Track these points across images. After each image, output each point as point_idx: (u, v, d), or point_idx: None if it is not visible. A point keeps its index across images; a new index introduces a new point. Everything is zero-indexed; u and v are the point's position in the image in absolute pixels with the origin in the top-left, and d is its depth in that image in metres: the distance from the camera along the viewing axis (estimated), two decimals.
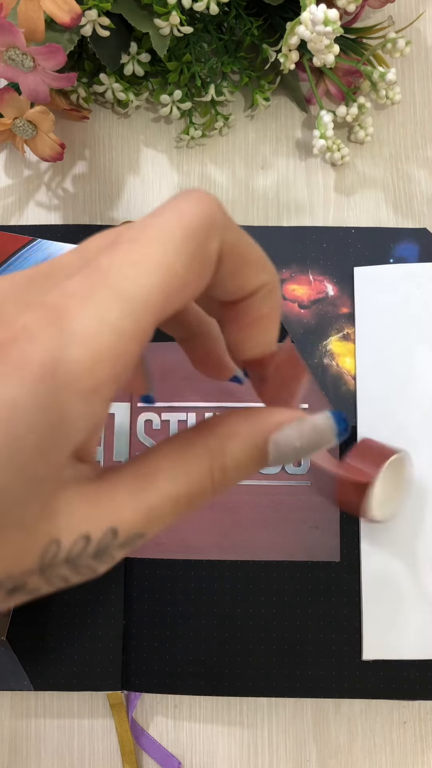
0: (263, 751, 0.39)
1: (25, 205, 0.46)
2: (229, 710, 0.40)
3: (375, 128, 0.47)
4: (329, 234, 0.43)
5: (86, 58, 0.45)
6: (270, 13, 0.45)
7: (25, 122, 0.41)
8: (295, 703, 0.40)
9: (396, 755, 0.39)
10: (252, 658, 0.39)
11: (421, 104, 0.48)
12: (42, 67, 0.37)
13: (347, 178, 0.46)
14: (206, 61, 0.45)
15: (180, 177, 0.47)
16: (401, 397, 0.41)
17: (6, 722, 0.40)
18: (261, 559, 0.40)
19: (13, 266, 0.42)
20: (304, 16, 0.38)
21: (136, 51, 0.44)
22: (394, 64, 0.48)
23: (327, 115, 0.44)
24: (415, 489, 0.40)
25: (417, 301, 0.42)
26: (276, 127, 0.48)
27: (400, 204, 0.46)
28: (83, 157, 0.47)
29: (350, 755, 0.39)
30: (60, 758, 0.39)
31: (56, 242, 0.42)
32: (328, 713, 0.39)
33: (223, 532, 0.40)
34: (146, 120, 0.48)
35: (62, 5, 0.35)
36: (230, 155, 0.47)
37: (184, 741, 0.39)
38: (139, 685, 0.39)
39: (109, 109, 0.48)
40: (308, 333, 0.42)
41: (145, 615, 0.39)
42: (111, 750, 0.39)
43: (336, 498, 0.32)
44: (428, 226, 0.45)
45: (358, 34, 0.46)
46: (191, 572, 0.39)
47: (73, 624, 0.39)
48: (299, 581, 0.39)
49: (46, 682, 0.39)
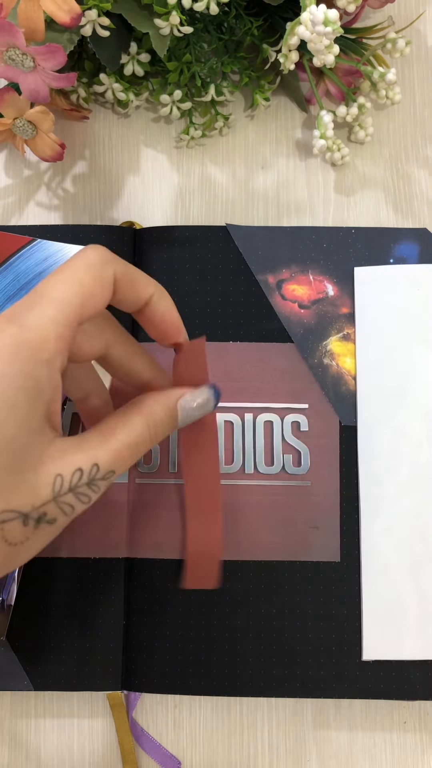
0: (263, 752, 0.39)
1: (25, 205, 0.46)
2: (229, 710, 0.40)
3: (375, 128, 0.47)
4: (329, 234, 0.43)
5: (86, 58, 0.45)
6: (270, 14, 0.45)
7: (25, 122, 0.41)
8: (295, 704, 0.40)
9: (396, 755, 0.39)
10: (252, 658, 0.39)
11: (421, 104, 0.48)
12: (42, 67, 0.37)
13: (347, 178, 0.46)
14: (206, 61, 0.45)
15: (180, 177, 0.47)
16: (401, 397, 0.41)
17: (6, 722, 0.40)
18: (261, 559, 0.40)
19: (13, 266, 0.42)
20: (304, 17, 0.38)
21: (136, 51, 0.44)
22: (394, 64, 0.48)
23: (327, 115, 0.44)
24: (415, 489, 0.40)
25: (417, 302, 0.42)
26: (276, 127, 0.48)
27: (400, 204, 0.46)
28: (83, 157, 0.47)
29: (350, 755, 0.39)
30: (60, 758, 0.39)
31: (56, 242, 0.42)
32: (328, 713, 0.39)
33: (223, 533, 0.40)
34: (146, 120, 0.48)
35: (62, 5, 0.35)
36: (230, 155, 0.47)
37: (184, 741, 0.39)
38: (139, 685, 0.39)
39: (109, 109, 0.48)
40: (308, 333, 0.42)
41: (145, 615, 0.39)
42: (111, 750, 0.39)
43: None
44: (428, 226, 0.45)
45: (358, 34, 0.46)
46: None
47: (73, 624, 0.39)
48: (299, 581, 0.39)
49: (45, 682, 0.39)
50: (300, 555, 0.40)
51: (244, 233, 0.43)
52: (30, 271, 0.42)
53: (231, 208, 0.46)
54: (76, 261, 0.26)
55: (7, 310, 0.25)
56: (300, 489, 0.40)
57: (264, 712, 0.39)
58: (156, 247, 0.43)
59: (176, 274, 0.42)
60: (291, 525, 0.40)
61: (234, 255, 0.43)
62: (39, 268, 0.42)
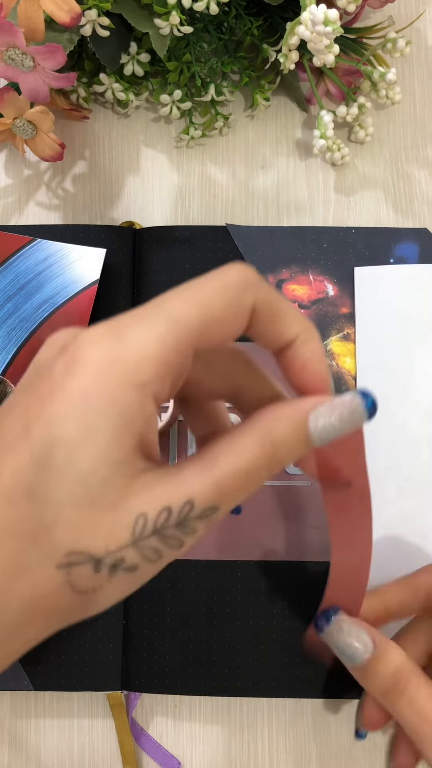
0: (263, 752, 0.39)
1: (25, 205, 0.46)
2: (229, 710, 0.40)
3: (375, 128, 0.47)
4: (329, 234, 0.43)
5: (86, 58, 0.45)
6: (270, 13, 0.45)
7: (25, 122, 0.41)
8: (295, 704, 0.40)
9: None
10: (252, 659, 0.39)
11: (422, 104, 0.48)
12: (42, 66, 0.37)
13: (347, 178, 0.46)
14: (206, 61, 0.45)
15: (180, 177, 0.47)
16: (401, 397, 0.41)
17: (6, 722, 0.40)
18: (261, 560, 0.40)
19: (13, 266, 0.42)
20: (304, 16, 0.38)
21: (135, 51, 0.44)
22: (394, 63, 0.48)
23: (327, 115, 0.44)
24: (415, 489, 0.40)
25: (417, 302, 0.42)
26: (276, 127, 0.48)
27: (400, 204, 0.46)
28: (83, 157, 0.47)
29: (350, 756, 0.39)
30: (60, 758, 0.39)
31: (56, 242, 0.42)
32: (328, 714, 0.39)
33: (222, 533, 0.40)
34: (146, 120, 0.48)
35: (62, 5, 0.35)
36: (230, 155, 0.47)
37: (184, 741, 0.39)
38: (139, 686, 0.39)
39: (109, 109, 0.48)
40: None
41: (145, 615, 0.39)
42: (111, 750, 0.39)
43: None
44: (428, 226, 0.45)
45: (358, 34, 0.46)
46: (191, 572, 0.39)
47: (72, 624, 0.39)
48: (299, 581, 0.39)
49: (45, 682, 0.39)
50: (300, 555, 0.40)
51: (244, 233, 0.43)
52: (30, 271, 0.42)
53: (231, 208, 0.46)
54: (212, 278, 0.22)
55: (116, 317, 0.21)
56: (300, 489, 0.40)
57: (264, 713, 0.39)
58: (156, 247, 0.43)
59: (176, 274, 0.42)
60: (291, 525, 0.40)
61: (234, 255, 0.43)
62: (39, 268, 0.42)
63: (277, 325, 0.23)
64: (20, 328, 0.41)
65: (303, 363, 0.23)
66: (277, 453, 0.22)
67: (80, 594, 0.20)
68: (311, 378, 0.24)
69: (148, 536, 0.20)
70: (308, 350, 0.23)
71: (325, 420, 0.22)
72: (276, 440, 0.22)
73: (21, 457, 0.19)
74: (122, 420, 0.20)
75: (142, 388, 0.20)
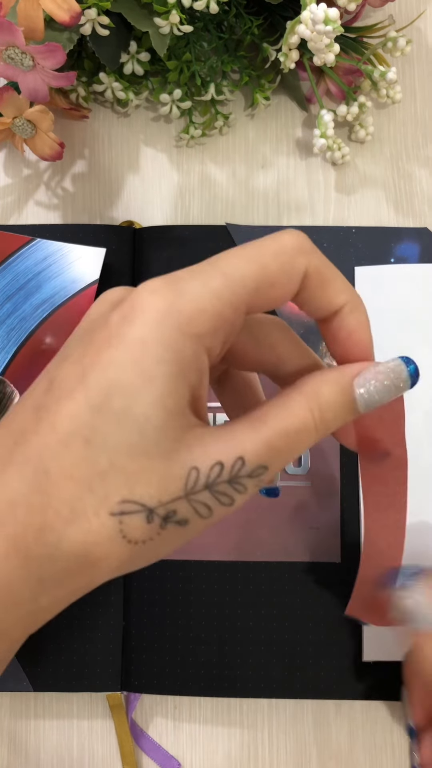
0: (263, 753, 0.39)
1: (25, 205, 0.46)
2: (229, 711, 0.39)
3: (376, 127, 0.47)
4: (330, 233, 0.43)
5: (86, 57, 0.45)
6: (270, 12, 0.45)
7: (25, 121, 0.41)
8: (296, 705, 0.39)
9: (396, 756, 0.39)
10: (252, 659, 0.38)
11: (422, 103, 0.48)
12: (41, 66, 0.36)
13: (348, 178, 0.46)
14: (206, 60, 0.45)
15: (180, 176, 0.47)
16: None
17: (5, 723, 0.40)
18: (261, 560, 0.39)
19: (12, 266, 0.42)
20: (305, 15, 0.38)
21: (135, 50, 0.44)
22: (395, 63, 0.48)
23: (327, 114, 0.44)
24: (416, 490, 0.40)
25: (418, 302, 0.42)
26: (276, 126, 0.48)
27: (400, 203, 0.46)
28: (83, 156, 0.47)
29: (350, 756, 0.39)
30: (59, 759, 0.39)
31: (56, 242, 0.42)
32: (328, 714, 0.39)
33: (223, 533, 0.40)
34: (146, 119, 0.48)
35: (62, 4, 0.35)
36: (230, 154, 0.47)
37: (183, 742, 0.39)
38: (138, 686, 0.39)
39: (109, 109, 0.48)
40: (308, 333, 0.42)
41: (145, 616, 0.39)
42: (110, 751, 0.39)
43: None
44: (429, 226, 0.45)
45: (359, 33, 0.46)
46: (191, 573, 0.39)
47: (72, 625, 0.39)
48: (299, 582, 0.39)
49: (45, 683, 0.38)
50: (300, 555, 0.39)
51: (244, 233, 0.43)
52: (29, 271, 0.42)
53: (231, 207, 0.46)
54: (266, 241, 0.22)
55: (172, 273, 0.22)
56: (300, 489, 0.40)
57: (264, 713, 0.39)
58: (156, 246, 0.43)
59: None
60: (291, 525, 0.40)
61: None
62: (38, 267, 0.42)
63: (326, 292, 0.23)
64: (20, 327, 0.41)
65: (349, 332, 0.24)
66: (324, 416, 0.22)
67: (131, 544, 0.20)
68: (356, 347, 0.25)
69: (200, 490, 0.20)
70: (354, 319, 0.24)
71: (369, 385, 0.23)
72: (322, 403, 0.22)
73: (78, 403, 0.20)
74: (178, 369, 0.20)
75: (198, 339, 0.20)
